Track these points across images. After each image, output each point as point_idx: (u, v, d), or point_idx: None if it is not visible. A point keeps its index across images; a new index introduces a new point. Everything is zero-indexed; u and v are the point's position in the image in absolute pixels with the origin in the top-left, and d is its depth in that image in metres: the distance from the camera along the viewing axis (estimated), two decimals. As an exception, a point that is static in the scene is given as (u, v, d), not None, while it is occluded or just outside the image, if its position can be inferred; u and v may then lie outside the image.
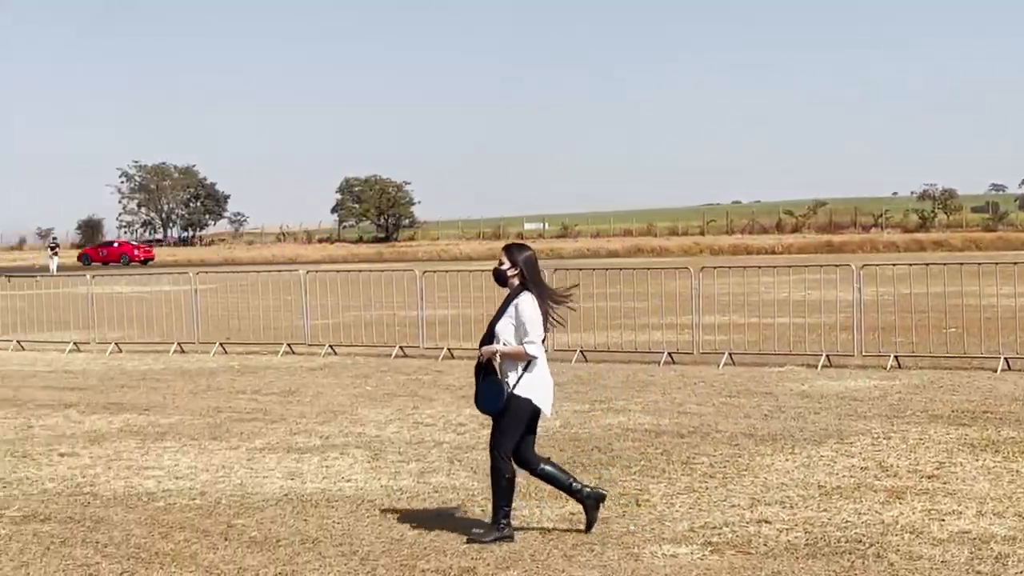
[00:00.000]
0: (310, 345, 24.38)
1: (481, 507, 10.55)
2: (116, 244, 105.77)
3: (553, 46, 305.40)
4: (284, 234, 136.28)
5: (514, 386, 9.44)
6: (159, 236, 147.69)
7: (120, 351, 25.34)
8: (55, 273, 65.60)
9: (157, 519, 10.48)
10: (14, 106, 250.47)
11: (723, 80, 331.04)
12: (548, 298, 9.67)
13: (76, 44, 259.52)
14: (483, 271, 26.94)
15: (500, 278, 9.66)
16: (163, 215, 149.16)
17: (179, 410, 16.80)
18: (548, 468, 9.74)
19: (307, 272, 27.76)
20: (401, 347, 23.27)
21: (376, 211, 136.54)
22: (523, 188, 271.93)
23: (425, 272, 26.02)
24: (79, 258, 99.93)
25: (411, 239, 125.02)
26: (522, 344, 9.42)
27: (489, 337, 9.61)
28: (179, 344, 25.30)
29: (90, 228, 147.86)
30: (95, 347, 25.96)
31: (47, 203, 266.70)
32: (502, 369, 9.54)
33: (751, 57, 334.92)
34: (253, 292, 35.17)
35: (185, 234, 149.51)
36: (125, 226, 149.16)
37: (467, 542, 9.47)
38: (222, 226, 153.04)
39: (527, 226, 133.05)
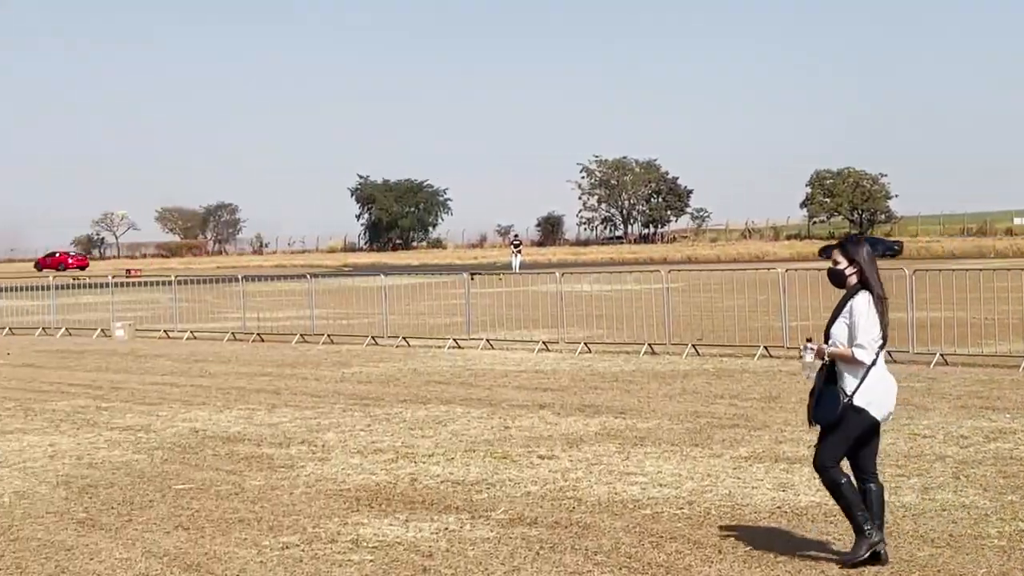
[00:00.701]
0: (788, 348, 24.08)
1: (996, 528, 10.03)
2: (57, 255, 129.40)
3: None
4: (750, 230, 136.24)
5: (851, 396, 9.09)
6: (619, 233, 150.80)
7: (589, 351, 25.87)
8: (518, 271, 68.08)
9: (646, 527, 10.55)
10: (489, 103, 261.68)
11: None
12: (884, 298, 9.22)
13: (555, 45, 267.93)
14: (971, 270, 25.98)
15: (837, 278, 9.31)
16: (624, 211, 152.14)
17: (656, 414, 16.93)
18: (872, 496, 9.32)
19: (786, 271, 27.46)
20: (889, 352, 22.58)
21: (849, 206, 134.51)
22: (1013, 181, 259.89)
23: (916, 271, 25.22)
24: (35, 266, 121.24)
25: (887, 236, 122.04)
26: (851, 347, 9.06)
27: (826, 341, 9.28)
28: (649, 345, 25.58)
29: (550, 225, 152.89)
30: (564, 347, 26.62)
31: (508, 200, 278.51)
32: (839, 376, 9.16)
33: None
34: (723, 291, 35.19)
35: (646, 231, 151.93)
36: (585, 223, 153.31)
37: (841, 568, 9.19)
38: (684, 222, 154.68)
39: (1016, 221, 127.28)
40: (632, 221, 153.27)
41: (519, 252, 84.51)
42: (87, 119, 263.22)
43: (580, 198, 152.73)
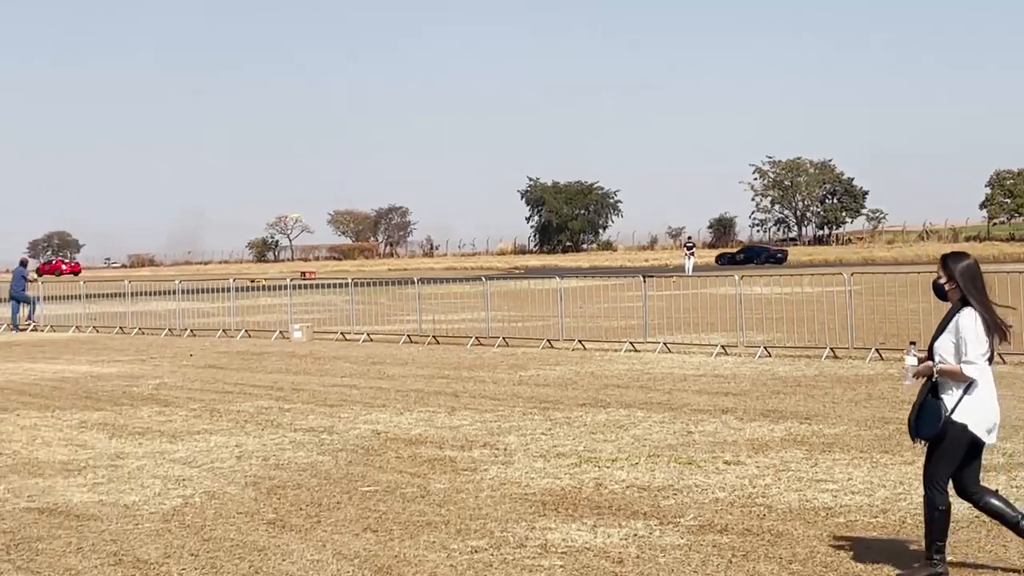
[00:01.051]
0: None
1: None
2: (54, 261, 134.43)
3: None
4: (927, 232, 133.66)
5: (952, 411, 8.91)
6: (793, 235, 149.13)
7: (768, 355, 25.61)
8: (690, 273, 67.75)
9: (840, 536, 10.41)
10: (660, 103, 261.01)
11: None
12: (992, 313, 9.05)
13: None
14: None
15: (939, 292, 9.29)
16: (797, 213, 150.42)
17: (842, 420, 16.70)
18: (995, 502, 9.14)
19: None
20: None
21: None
22: None
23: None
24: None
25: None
26: (959, 364, 8.92)
27: (930, 355, 9.17)
28: (831, 348, 25.23)
29: (722, 227, 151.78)
30: (742, 350, 26.41)
31: (679, 202, 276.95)
32: (941, 390, 9.01)
33: None
34: (903, 294, 34.54)
35: (820, 232, 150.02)
36: (757, 224, 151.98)
37: None
38: (859, 224, 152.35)
39: None
40: (806, 223, 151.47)
41: (692, 254, 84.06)
42: (261, 124, 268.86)
43: (753, 199, 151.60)
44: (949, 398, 9.03)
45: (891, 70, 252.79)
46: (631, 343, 28.22)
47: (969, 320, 9.07)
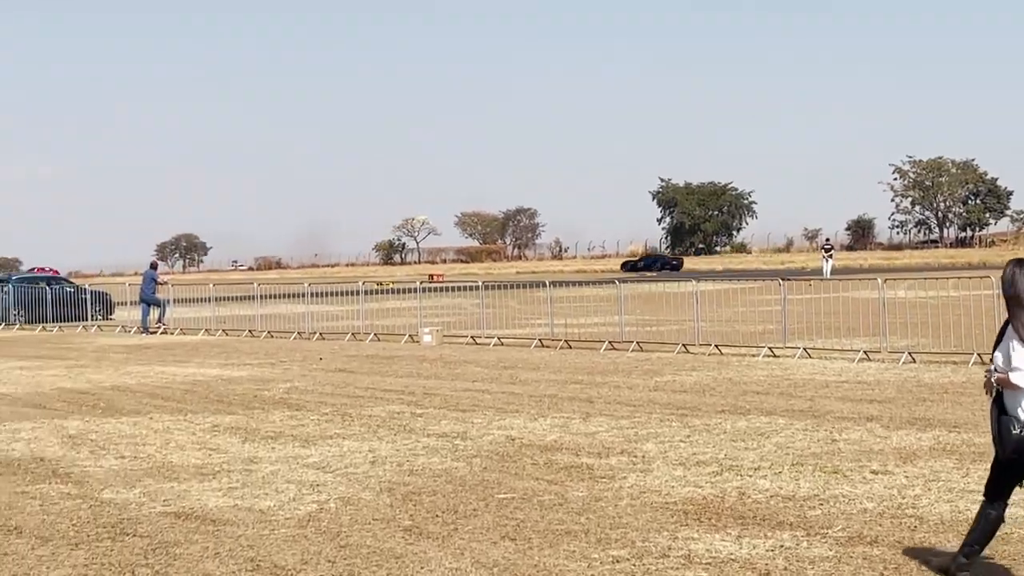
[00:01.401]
0: None
1: None
2: (35, 269, 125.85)
3: None
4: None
5: (1021, 425, 8.77)
6: (934, 237, 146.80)
7: (913, 360, 25.14)
8: (828, 276, 66.91)
9: (996, 549, 10.08)
10: (795, 102, 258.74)
11: None
12: None
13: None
14: None
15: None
16: (939, 214, 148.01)
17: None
18: (995, 516, 9.16)
19: None
20: None
21: None
22: None
23: None
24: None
25: None
26: (1008, 372, 8.75)
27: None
28: (978, 355, 24.69)
29: (860, 228, 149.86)
30: (885, 356, 25.95)
31: (815, 203, 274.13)
32: (1010, 403, 8.83)
33: None
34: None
35: (963, 234, 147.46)
36: (897, 226, 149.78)
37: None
38: (1003, 225, 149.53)
39: None
40: (948, 224, 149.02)
41: (830, 257, 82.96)
42: (386, 125, 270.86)
43: (892, 200, 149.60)
44: (1016, 411, 8.87)
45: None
46: (770, 348, 27.89)
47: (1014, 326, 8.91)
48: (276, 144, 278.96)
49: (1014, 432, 8.83)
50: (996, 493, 9.22)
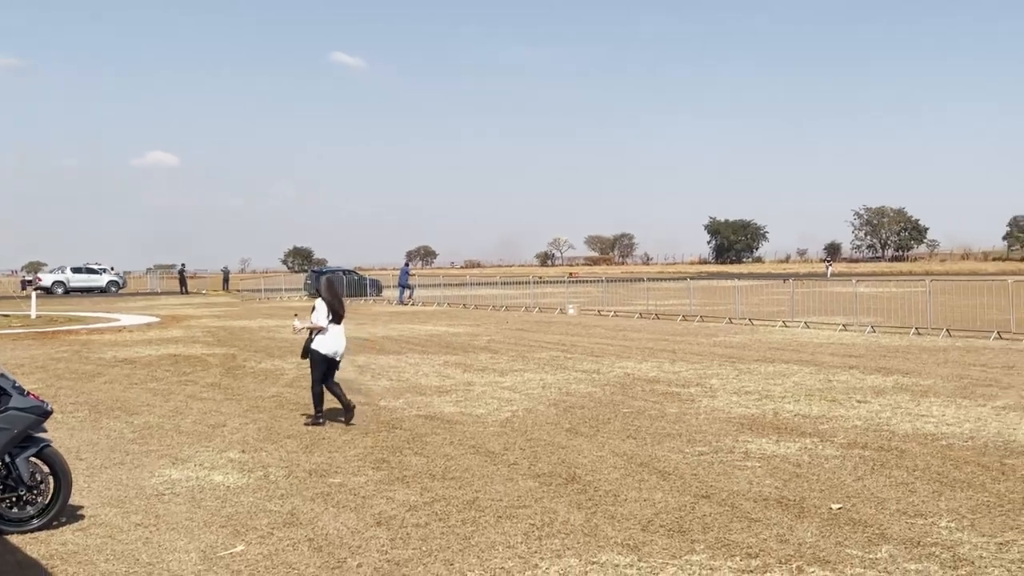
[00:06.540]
0: (1015, 333, 21.63)
1: None
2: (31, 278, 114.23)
3: None
4: None
5: None
6: (879, 255, 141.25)
7: (874, 331, 24.11)
8: (829, 278, 64.94)
9: (945, 454, 9.50)
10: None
11: None
12: None
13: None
14: None
15: None
16: (882, 241, 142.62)
17: (931, 375, 15.46)
18: None
19: None
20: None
21: None
22: None
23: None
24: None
25: None
26: None
27: None
28: (916, 328, 23.60)
29: (832, 249, 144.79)
30: (856, 328, 24.94)
31: (805, 232, 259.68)
32: None
33: None
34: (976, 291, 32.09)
35: (897, 253, 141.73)
36: (856, 248, 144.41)
37: None
38: (923, 249, 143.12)
39: None
40: (887, 247, 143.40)
41: (830, 265, 78.70)
42: (551, 173, 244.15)
43: (853, 232, 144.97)
44: None
45: None
46: (783, 322, 26.98)
47: None
48: (489, 177, 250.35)
49: None
50: None
